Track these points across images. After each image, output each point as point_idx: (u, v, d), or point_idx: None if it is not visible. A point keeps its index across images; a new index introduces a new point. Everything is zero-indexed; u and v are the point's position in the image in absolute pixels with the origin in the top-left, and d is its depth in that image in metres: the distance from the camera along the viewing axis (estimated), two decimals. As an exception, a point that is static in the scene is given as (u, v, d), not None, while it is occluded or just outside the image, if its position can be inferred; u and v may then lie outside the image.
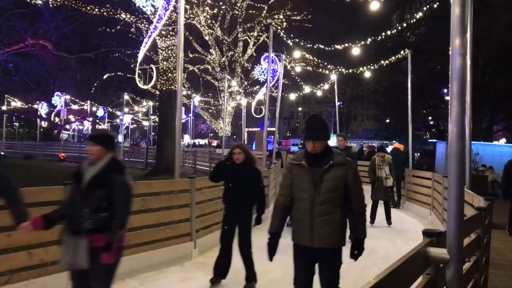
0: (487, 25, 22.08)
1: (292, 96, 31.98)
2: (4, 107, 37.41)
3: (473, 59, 9.62)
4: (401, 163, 12.66)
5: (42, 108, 39.16)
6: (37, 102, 39.14)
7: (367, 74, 21.27)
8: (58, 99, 36.82)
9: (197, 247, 6.63)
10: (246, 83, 33.55)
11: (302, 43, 18.45)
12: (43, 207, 4.78)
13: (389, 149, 18.44)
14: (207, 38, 30.69)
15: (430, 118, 35.23)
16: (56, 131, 41.92)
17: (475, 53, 13.25)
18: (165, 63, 18.12)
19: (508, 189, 10.19)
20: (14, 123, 47.92)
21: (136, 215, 5.84)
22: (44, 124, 41.27)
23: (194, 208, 6.65)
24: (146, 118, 44.79)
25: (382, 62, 18.32)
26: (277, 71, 19.49)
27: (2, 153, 30.88)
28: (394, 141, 24.26)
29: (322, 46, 17.94)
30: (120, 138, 42.06)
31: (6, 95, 36.79)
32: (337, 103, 22.86)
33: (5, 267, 4.32)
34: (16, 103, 38.49)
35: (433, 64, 28.08)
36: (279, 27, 19.81)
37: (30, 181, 13.42)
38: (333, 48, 17.80)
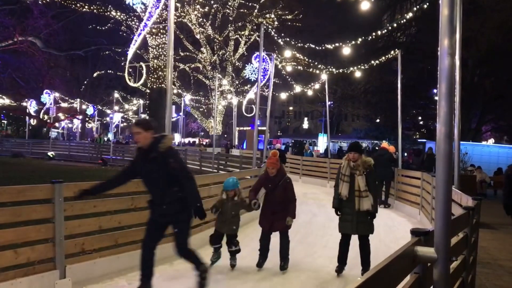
0: (476, 26, 22.26)
1: (283, 95, 32.02)
2: (-8, 105, 37.02)
3: (463, 60, 9.69)
4: (388, 162, 12.68)
5: (31, 106, 38.78)
6: (26, 99, 38.73)
7: (358, 74, 21.34)
8: (47, 97, 36.42)
9: (186, 246, 6.59)
10: (237, 82, 33.53)
11: (293, 43, 18.47)
12: (30, 205, 4.74)
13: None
14: (198, 36, 30.62)
15: (420, 118, 35.51)
16: (45, 129, 41.54)
17: (464, 54, 13.34)
18: (155, 61, 18.04)
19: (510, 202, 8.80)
20: (3, 121, 47.41)
21: (125, 213, 5.82)
22: (33, 122, 40.89)
23: (183, 207, 6.62)
24: (136, 116, 44.56)
25: (373, 62, 18.40)
26: (268, 70, 19.50)
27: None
28: (384, 141, 24.34)
29: (313, 46, 17.97)
30: (110, 136, 41.84)
31: (-6, 92, 36.41)
32: (328, 103, 22.89)
33: (-9, 266, 4.27)
34: (5, 101, 38.04)
35: (423, 64, 28.28)
36: (270, 26, 19.80)
37: (18, 179, 13.30)
38: (324, 48, 17.85)
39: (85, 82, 44.74)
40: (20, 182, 11.27)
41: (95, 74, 42.84)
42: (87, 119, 45.39)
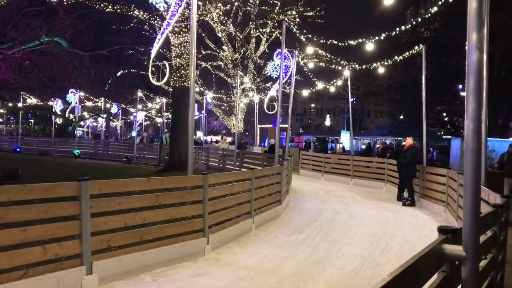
0: (504, 20, 21.70)
1: (305, 93, 31.82)
2: (20, 104, 37.88)
3: (489, 54, 9.44)
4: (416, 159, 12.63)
5: (57, 105, 39.58)
6: (52, 99, 39.55)
7: (381, 70, 21.06)
8: (73, 96, 37.12)
9: (210, 243, 6.65)
10: (258, 80, 33.52)
11: (315, 39, 18.33)
12: (57, 202, 4.84)
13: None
14: (219, 34, 30.73)
15: (444, 114, 34.88)
16: (70, 127, 42.35)
17: (491, 48, 13.00)
18: (178, 59, 18.17)
19: None
20: (30, 120, 48.51)
21: (149, 210, 5.89)
22: (59, 120, 41.71)
23: (207, 204, 6.66)
24: (159, 115, 44.99)
25: (396, 57, 18.12)
26: (289, 67, 19.42)
27: (18, 149, 31.39)
28: (408, 137, 23.99)
29: (335, 42, 17.81)
30: (134, 134, 42.40)
31: (22, 92, 37.25)
32: (350, 100, 22.68)
33: (20, 262, 4.37)
34: (32, 100, 38.94)
35: (448, 59, 27.74)
36: (292, 23, 19.70)
37: (46, 177, 13.60)
38: (346, 44, 17.66)
39: (109, 81, 45.39)
40: (47, 180, 11.52)
41: (118, 73, 43.41)
42: (111, 117, 46.07)
